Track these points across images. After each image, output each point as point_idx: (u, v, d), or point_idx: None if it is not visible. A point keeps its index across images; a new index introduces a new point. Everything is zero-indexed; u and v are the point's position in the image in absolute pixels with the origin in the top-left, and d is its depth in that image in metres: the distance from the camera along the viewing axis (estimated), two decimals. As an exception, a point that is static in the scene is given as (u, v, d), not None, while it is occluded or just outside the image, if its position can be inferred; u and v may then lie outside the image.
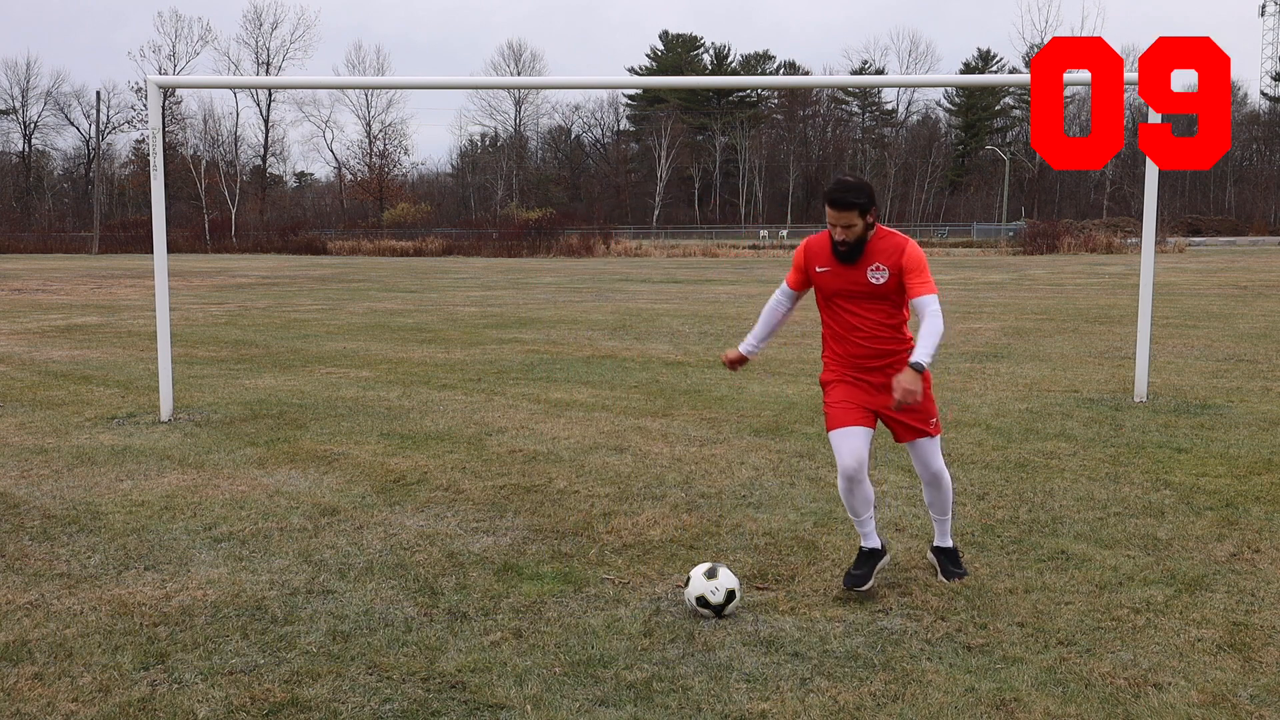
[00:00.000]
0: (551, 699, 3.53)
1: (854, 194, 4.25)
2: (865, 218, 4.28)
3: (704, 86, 45.44)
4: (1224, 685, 3.59)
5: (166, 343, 8.62)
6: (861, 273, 4.34)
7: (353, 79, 72.93)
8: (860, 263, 4.34)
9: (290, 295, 24.24)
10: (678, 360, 11.91)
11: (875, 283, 4.33)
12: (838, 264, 4.38)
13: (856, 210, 4.25)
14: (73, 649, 3.96)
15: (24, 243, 66.67)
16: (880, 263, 4.32)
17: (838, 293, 4.43)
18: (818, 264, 4.45)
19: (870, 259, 4.33)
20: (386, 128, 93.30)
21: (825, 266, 4.42)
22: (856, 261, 4.34)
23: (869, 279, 4.33)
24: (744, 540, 5.23)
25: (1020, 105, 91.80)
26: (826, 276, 4.43)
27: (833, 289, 4.43)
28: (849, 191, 4.25)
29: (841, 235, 4.29)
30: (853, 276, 4.36)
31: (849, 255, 4.33)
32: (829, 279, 4.43)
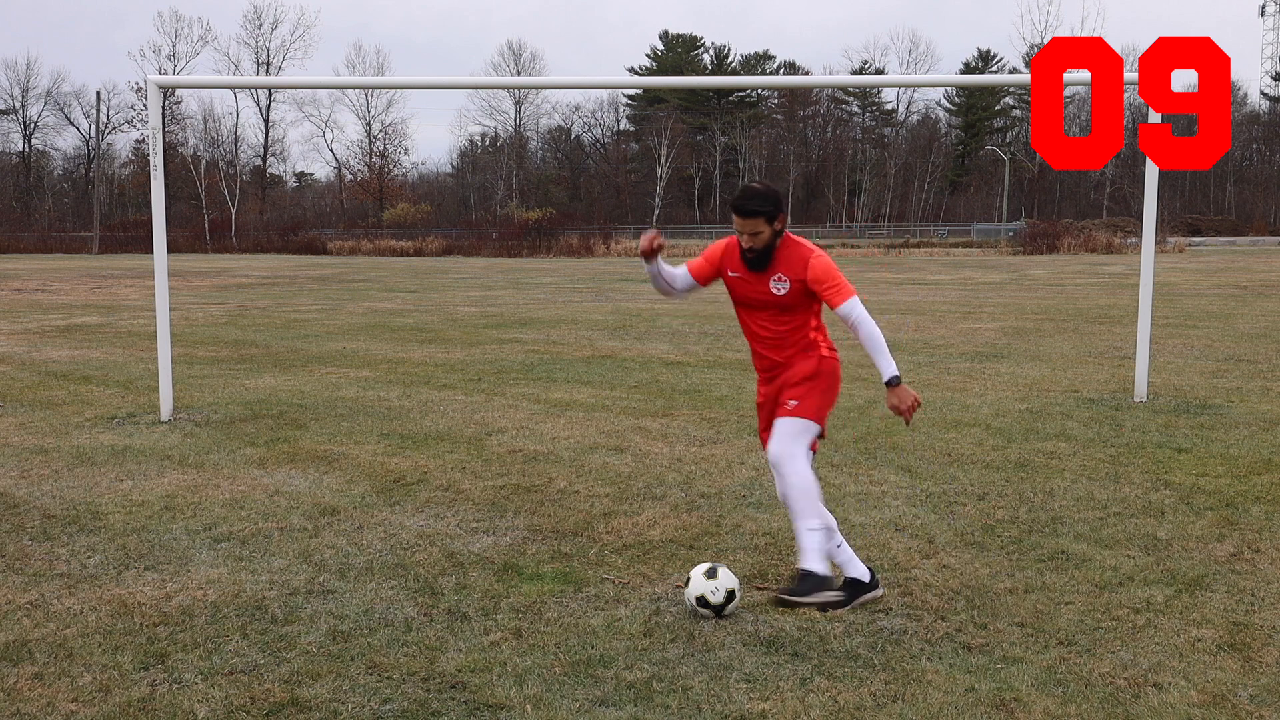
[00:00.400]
0: (551, 699, 3.53)
1: (758, 201, 4.21)
2: (772, 225, 4.23)
3: (704, 86, 45.50)
4: (1224, 685, 3.59)
5: (166, 343, 8.62)
6: (765, 283, 4.30)
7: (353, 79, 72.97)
8: (766, 272, 4.30)
9: (290, 295, 24.24)
10: (678, 360, 11.91)
11: (777, 294, 4.29)
12: (746, 271, 4.35)
13: (763, 218, 4.20)
14: (73, 649, 3.96)
15: (24, 243, 66.63)
16: (783, 273, 4.28)
17: (744, 300, 4.41)
18: (730, 268, 4.40)
19: (774, 269, 4.29)
20: (386, 128, 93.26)
21: (736, 272, 4.38)
22: (764, 270, 4.29)
23: (771, 289, 4.30)
24: (744, 540, 5.23)
25: (1020, 105, 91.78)
26: (736, 282, 4.39)
27: (740, 296, 4.42)
28: (753, 199, 4.22)
29: (749, 243, 4.25)
30: (757, 286, 4.33)
31: (756, 263, 4.29)
32: (737, 284, 4.39)
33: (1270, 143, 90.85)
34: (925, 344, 13.15)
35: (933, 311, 17.89)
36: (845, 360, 4.68)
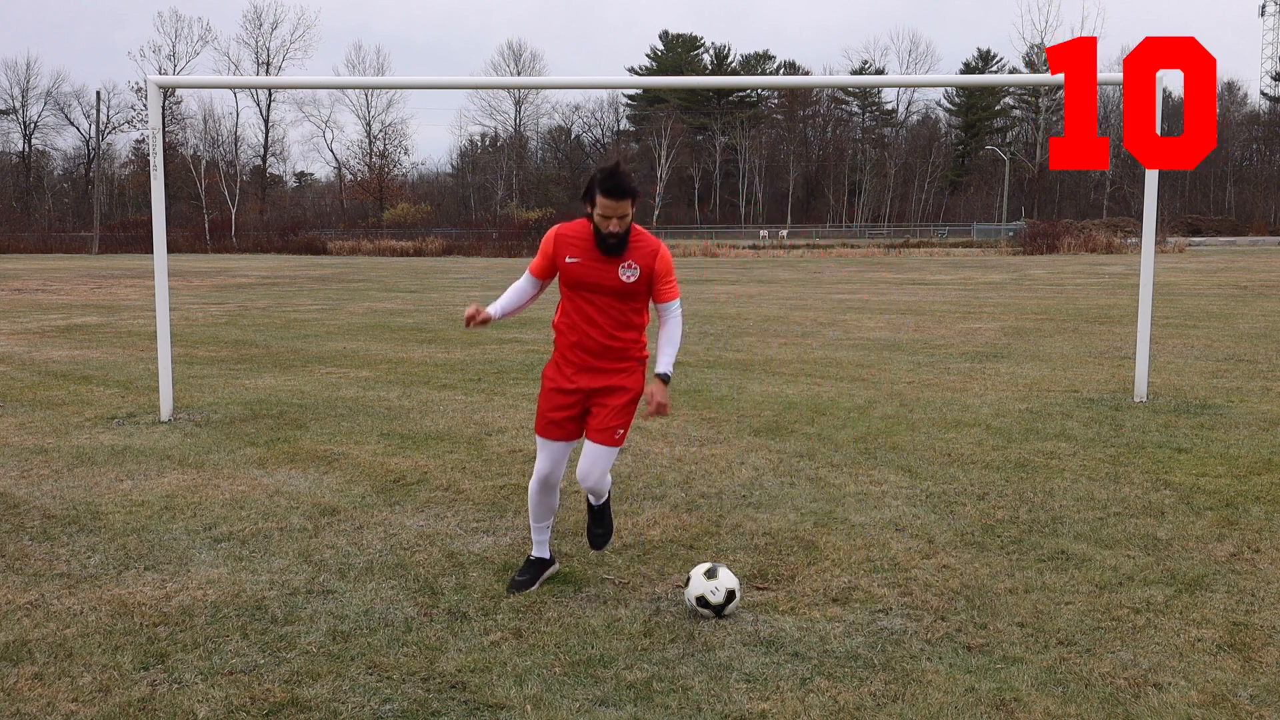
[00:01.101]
0: (551, 699, 3.53)
1: (630, 182, 4.18)
2: (634, 207, 4.24)
3: (704, 86, 45.40)
4: (1224, 685, 3.59)
5: (166, 343, 8.62)
6: (614, 268, 4.27)
7: (353, 79, 72.92)
8: (618, 258, 4.27)
9: (290, 295, 24.24)
10: (678, 360, 11.89)
11: (626, 280, 4.28)
12: (596, 256, 4.28)
13: (630, 199, 4.18)
14: (73, 649, 3.96)
15: (24, 243, 66.66)
16: (634, 261, 4.27)
17: (585, 285, 4.33)
18: (568, 254, 4.33)
19: (625, 256, 4.28)
20: (386, 128, 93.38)
21: (577, 257, 4.31)
22: (618, 255, 4.26)
23: (620, 276, 4.27)
24: (744, 540, 5.23)
25: (1020, 105, 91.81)
26: (576, 268, 4.32)
27: (580, 280, 4.33)
28: (628, 180, 4.17)
29: (616, 227, 4.20)
30: (605, 271, 4.28)
31: (617, 248, 4.25)
32: (579, 270, 4.32)
33: (1270, 143, 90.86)
34: (925, 344, 13.15)
35: (933, 311, 17.89)
36: (845, 360, 4.68)
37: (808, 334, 14.51)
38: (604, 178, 4.18)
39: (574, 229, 4.38)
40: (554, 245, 4.39)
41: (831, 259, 45.19)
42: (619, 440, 4.42)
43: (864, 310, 18.22)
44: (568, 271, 4.35)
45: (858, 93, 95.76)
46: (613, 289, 4.30)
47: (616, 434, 4.39)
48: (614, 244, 4.24)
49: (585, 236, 4.32)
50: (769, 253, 53.23)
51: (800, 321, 16.34)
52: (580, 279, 4.33)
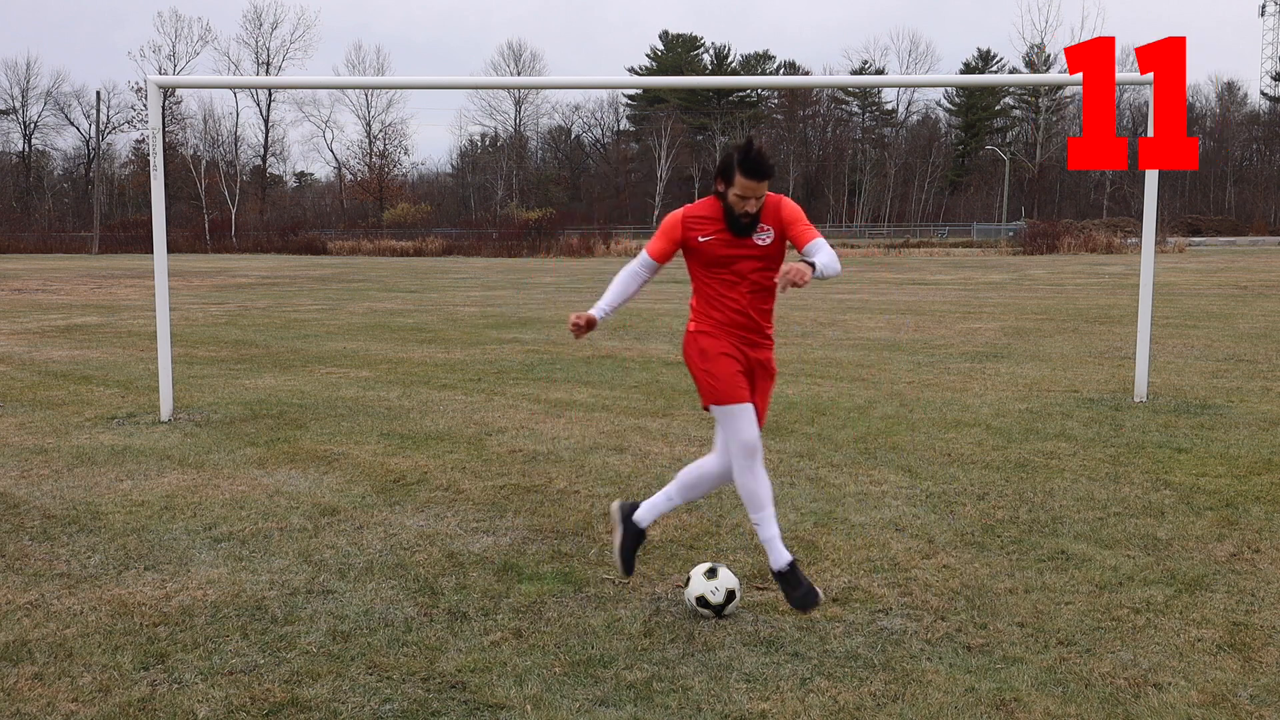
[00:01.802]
0: (551, 699, 3.53)
1: (770, 161, 4.14)
2: None
3: (704, 86, 45.37)
4: (1224, 685, 3.59)
5: (166, 343, 8.62)
6: (748, 240, 4.23)
7: (353, 79, 72.91)
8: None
9: (290, 295, 24.24)
10: (678, 360, 11.90)
11: (762, 243, 4.22)
12: (726, 233, 4.22)
13: (769, 180, 4.14)
14: (73, 649, 3.96)
15: (24, 243, 66.66)
16: (764, 223, 4.22)
17: (723, 260, 4.25)
18: (700, 233, 4.26)
19: None
20: (386, 128, 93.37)
21: (709, 234, 4.24)
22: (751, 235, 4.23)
23: (755, 241, 4.22)
24: (744, 540, 5.23)
25: (1020, 105, 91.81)
26: (712, 244, 4.24)
27: (717, 256, 4.25)
28: (767, 161, 4.11)
29: (754, 207, 4.15)
30: (741, 244, 4.23)
31: (750, 227, 4.20)
32: (714, 246, 4.24)
33: (1270, 143, 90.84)
34: (925, 344, 13.15)
35: (933, 311, 17.89)
36: (844, 360, 4.68)
37: (808, 334, 14.50)
38: (744, 158, 4.09)
39: (702, 208, 4.31)
40: (681, 227, 4.30)
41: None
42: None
43: (864, 310, 18.22)
44: (703, 250, 4.28)
45: (858, 93, 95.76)
46: (751, 256, 4.23)
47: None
48: (748, 223, 4.20)
49: (716, 215, 4.25)
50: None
51: (800, 321, 16.33)
52: (715, 256, 4.26)
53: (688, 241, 4.29)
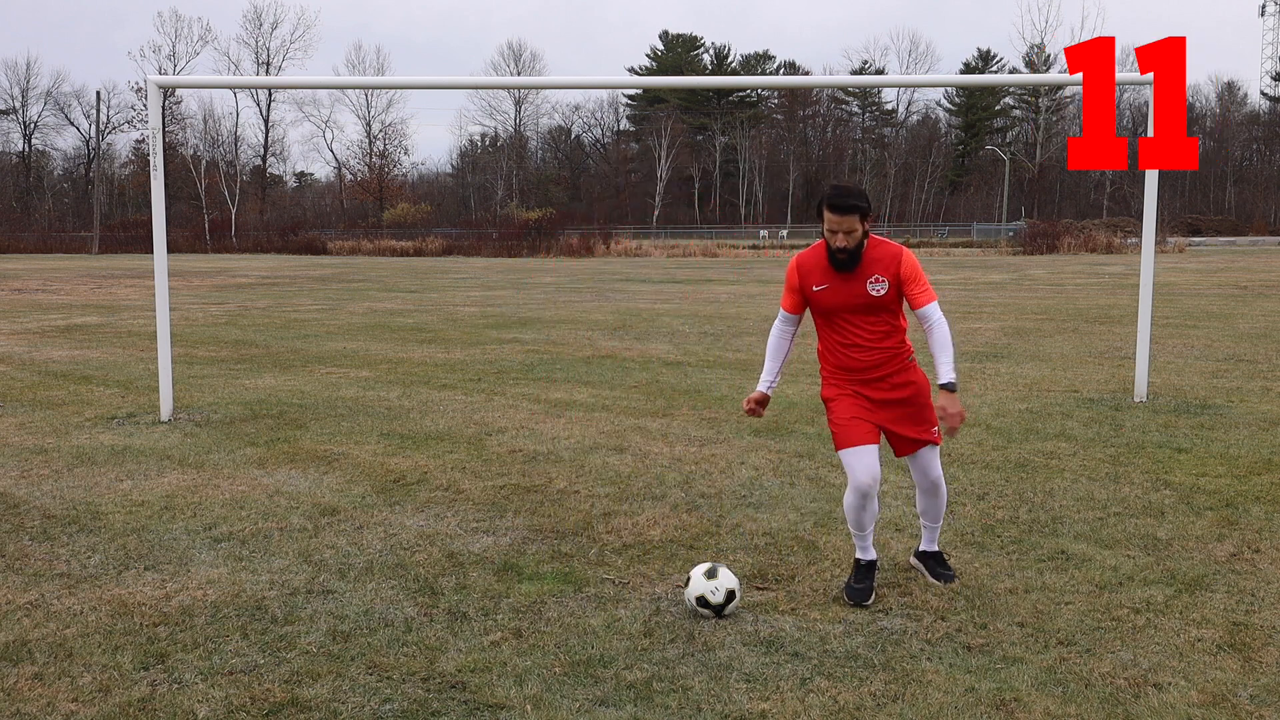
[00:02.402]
0: (551, 699, 3.53)
1: (856, 198, 4.18)
2: (864, 223, 4.21)
3: (704, 86, 45.38)
4: (1224, 685, 3.59)
5: (166, 343, 8.62)
6: (861, 285, 4.25)
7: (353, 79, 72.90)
8: (858, 274, 4.24)
9: (290, 295, 24.24)
10: (678, 360, 11.91)
11: (876, 295, 4.25)
12: (836, 277, 4.28)
13: (858, 215, 4.17)
14: (73, 649, 3.96)
15: (24, 243, 66.66)
16: (879, 274, 4.24)
17: (837, 308, 4.31)
18: (814, 282, 4.33)
19: (868, 270, 4.25)
20: (386, 128, 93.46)
21: (823, 284, 4.31)
22: (854, 271, 4.24)
23: (869, 291, 4.25)
24: (744, 540, 5.23)
25: (1020, 105, 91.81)
26: (825, 294, 4.31)
27: (831, 305, 4.32)
28: (850, 195, 4.17)
29: (843, 242, 4.19)
30: (852, 290, 4.26)
31: (848, 264, 4.23)
32: (828, 295, 4.31)
33: (1270, 143, 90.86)
34: (925, 344, 13.13)
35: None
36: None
37: (807, 334, 14.51)
38: (830, 193, 4.20)
39: (811, 255, 4.37)
40: (798, 276, 4.40)
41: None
42: (938, 436, 4.41)
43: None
44: (818, 299, 4.34)
45: (858, 93, 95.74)
46: (864, 305, 4.27)
47: (933, 430, 4.39)
48: (844, 260, 4.23)
49: (822, 259, 4.31)
50: (769, 253, 53.22)
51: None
52: (831, 303, 4.31)
53: (805, 289, 4.39)
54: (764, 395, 4.53)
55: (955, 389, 4.25)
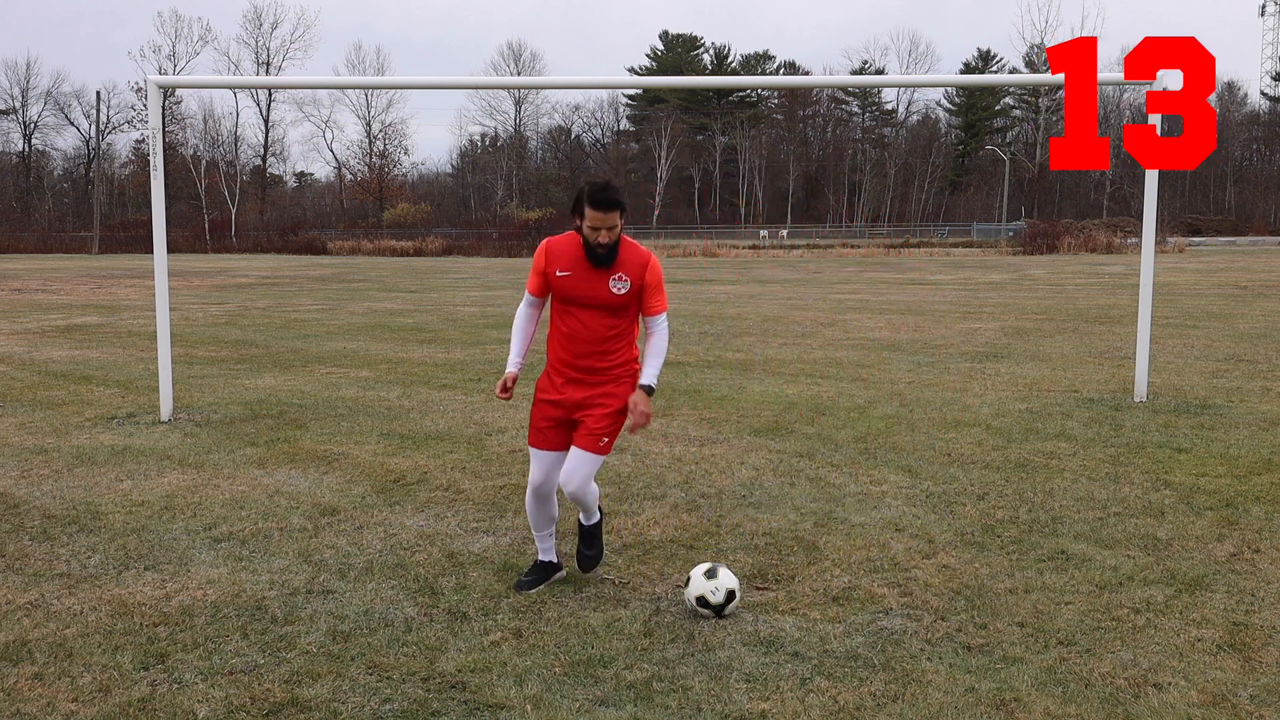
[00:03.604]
0: (551, 699, 3.53)
1: (617, 193, 4.19)
2: (623, 219, 4.23)
3: (704, 86, 45.41)
4: (1224, 685, 3.59)
5: (166, 343, 8.62)
6: (604, 281, 4.27)
7: (353, 79, 72.91)
8: (608, 270, 4.26)
9: (290, 295, 24.24)
10: (678, 360, 11.90)
11: (617, 293, 4.28)
12: (586, 268, 4.28)
13: (619, 211, 4.19)
14: (73, 649, 3.96)
15: (24, 243, 66.64)
16: (624, 274, 4.27)
17: (575, 299, 4.33)
18: (559, 267, 4.33)
19: (616, 268, 4.27)
20: (386, 128, 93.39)
21: (568, 270, 4.31)
22: (607, 268, 4.26)
23: (611, 289, 4.27)
24: (744, 540, 5.23)
25: (1020, 105, 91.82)
26: (568, 281, 4.32)
27: (571, 294, 4.33)
28: (615, 192, 4.19)
29: (605, 238, 4.20)
30: (595, 284, 4.28)
31: (605, 259, 4.24)
32: (570, 283, 4.31)
33: (1270, 143, 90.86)
34: (925, 344, 13.14)
35: (933, 311, 17.88)
36: (844, 360, 4.67)
37: (808, 334, 14.50)
38: (592, 190, 4.21)
39: (563, 242, 4.37)
40: (545, 259, 4.40)
41: (831, 258, 45.17)
42: (604, 448, 4.39)
43: (864, 310, 18.22)
44: (559, 285, 4.35)
45: (858, 93, 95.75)
46: (603, 302, 4.30)
47: (601, 441, 4.36)
48: (603, 255, 4.25)
49: (575, 249, 4.32)
50: (769, 253, 53.23)
51: (800, 321, 16.34)
52: (571, 292, 4.33)
53: (549, 273, 4.39)
54: (514, 375, 4.57)
55: (652, 392, 4.33)
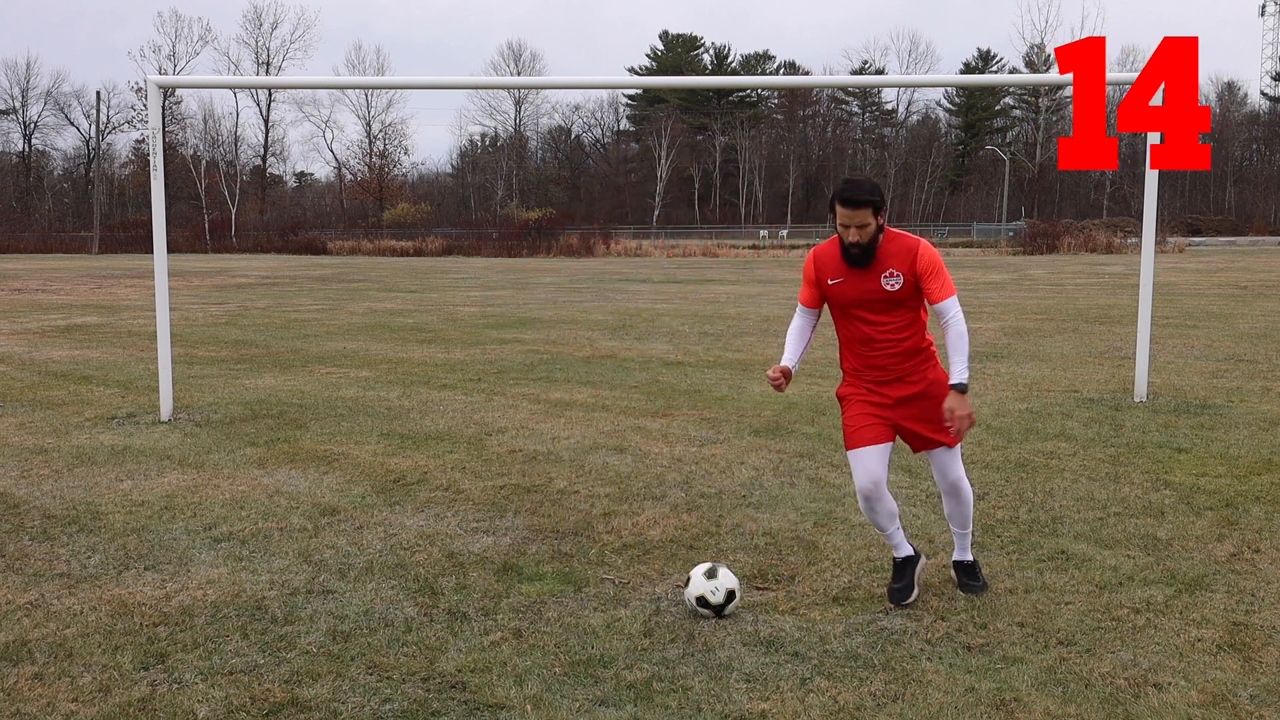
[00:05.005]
0: (551, 699, 3.53)
1: (868, 191, 4.10)
2: (878, 217, 4.13)
3: (704, 86, 45.43)
4: (1224, 685, 3.59)
5: (166, 343, 8.62)
6: (875, 280, 4.17)
7: (353, 79, 72.92)
8: (873, 268, 4.17)
9: (290, 295, 24.24)
10: (678, 360, 11.91)
11: (890, 289, 4.17)
12: (850, 272, 4.21)
13: (870, 209, 4.09)
14: (73, 649, 3.96)
15: (24, 243, 66.63)
16: (894, 268, 4.16)
17: (853, 303, 4.24)
18: (829, 276, 4.26)
19: (883, 264, 4.16)
20: (386, 128, 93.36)
21: (838, 277, 4.24)
22: (869, 266, 4.17)
23: (884, 286, 4.16)
24: (744, 540, 5.23)
25: (1020, 105, 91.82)
26: (840, 287, 4.24)
27: (847, 300, 4.25)
28: (862, 189, 4.10)
29: (856, 236, 4.11)
30: (867, 285, 4.18)
31: (862, 258, 4.15)
32: (843, 289, 4.24)
33: (1270, 143, 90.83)
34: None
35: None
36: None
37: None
38: (841, 186, 4.14)
39: (827, 249, 4.30)
40: (814, 269, 4.33)
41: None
42: (956, 437, 4.26)
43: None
44: (833, 293, 4.28)
45: (858, 93, 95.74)
46: (880, 300, 4.19)
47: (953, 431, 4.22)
48: (857, 254, 4.16)
49: (837, 253, 4.25)
50: (769, 253, 53.22)
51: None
52: (847, 298, 4.24)
53: (820, 283, 4.33)
54: (788, 369, 4.41)
55: (965, 390, 4.14)
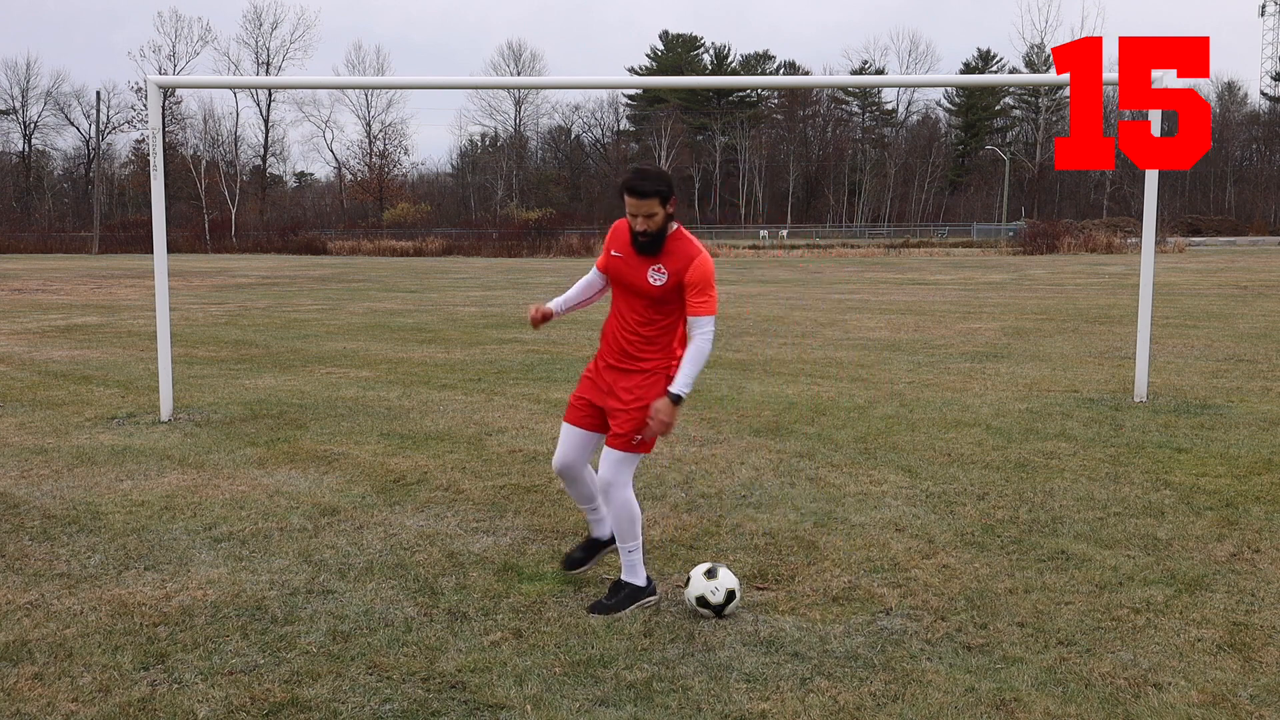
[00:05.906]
0: (551, 699, 3.53)
1: (653, 181, 4.14)
2: (665, 208, 4.16)
3: (704, 86, 45.46)
4: (1224, 685, 3.59)
5: (166, 343, 8.62)
6: (644, 270, 4.23)
7: (353, 79, 72.94)
8: (650, 259, 4.23)
9: (290, 295, 24.24)
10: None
11: (653, 283, 4.21)
12: (632, 254, 4.27)
13: (657, 199, 4.12)
14: (73, 649, 3.96)
15: (24, 243, 66.61)
16: (665, 266, 4.20)
17: (620, 281, 4.34)
18: (615, 248, 4.34)
19: (659, 259, 4.22)
20: (386, 128, 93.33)
21: (620, 253, 4.32)
22: (651, 256, 4.22)
23: (649, 279, 4.22)
24: (744, 540, 5.23)
25: (1020, 105, 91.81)
26: (618, 262, 4.32)
27: (617, 276, 4.34)
28: (648, 179, 4.15)
29: (643, 225, 4.16)
30: (637, 271, 4.25)
31: (649, 247, 4.21)
32: (619, 265, 4.32)
33: (1270, 143, 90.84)
34: (925, 344, 13.15)
35: (933, 311, 17.88)
36: (844, 360, 4.66)
37: (808, 334, 14.50)
38: (629, 176, 4.20)
39: (626, 225, 4.35)
40: (611, 236, 4.41)
41: (831, 258, 45.14)
42: (635, 446, 4.29)
43: (864, 310, 18.21)
44: (611, 264, 4.37)
45: (858, 93, 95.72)
46: (641, 290, 4.26)
47: (633, 439, 4.27)
48: (644, 243, 4.21)
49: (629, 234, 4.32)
50: (769, 253, 53.21)
51: (800, 321, 16.33)
52: (617, 275, 4.34)
53: (607, 252, 4.41)
54: (549, 311, 4.53)
55: (679, 402, 4.19)
